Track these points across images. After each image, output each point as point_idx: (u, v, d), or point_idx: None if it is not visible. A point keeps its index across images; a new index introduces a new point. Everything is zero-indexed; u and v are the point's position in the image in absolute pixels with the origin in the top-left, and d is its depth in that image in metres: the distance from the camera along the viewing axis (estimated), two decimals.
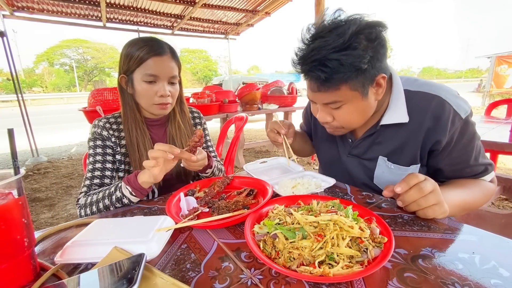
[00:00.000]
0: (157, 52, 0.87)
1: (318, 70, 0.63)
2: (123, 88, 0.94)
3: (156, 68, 0.87)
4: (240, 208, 0.66)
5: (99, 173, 0.89)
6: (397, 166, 0.79)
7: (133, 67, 0.87)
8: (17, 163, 0.44)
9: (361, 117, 0.75)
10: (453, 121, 0.70)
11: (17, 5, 4.40)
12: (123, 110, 0.95)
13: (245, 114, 2.02)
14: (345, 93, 0.67)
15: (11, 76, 4.02)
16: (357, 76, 0.64)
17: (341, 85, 0.65)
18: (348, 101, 0.69)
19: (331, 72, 0.62)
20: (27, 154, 4.53)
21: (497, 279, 0.41)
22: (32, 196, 2.87)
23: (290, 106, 4.09)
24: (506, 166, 3.39)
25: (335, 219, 0.47)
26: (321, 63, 0.62)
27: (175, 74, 0.92)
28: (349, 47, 0.61)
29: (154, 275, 0.44)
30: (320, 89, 0.68)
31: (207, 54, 48.32)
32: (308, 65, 0.65)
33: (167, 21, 5.78)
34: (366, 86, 0.67)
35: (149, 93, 0.89)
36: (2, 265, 0.41)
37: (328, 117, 0.75)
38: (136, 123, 0.94)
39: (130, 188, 0.75)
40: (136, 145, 0.93)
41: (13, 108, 16.62)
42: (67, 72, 38.14)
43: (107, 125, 0.94)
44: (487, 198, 0.77)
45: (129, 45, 0.89)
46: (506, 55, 11.13)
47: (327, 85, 0.66)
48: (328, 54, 0.61)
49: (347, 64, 0.61)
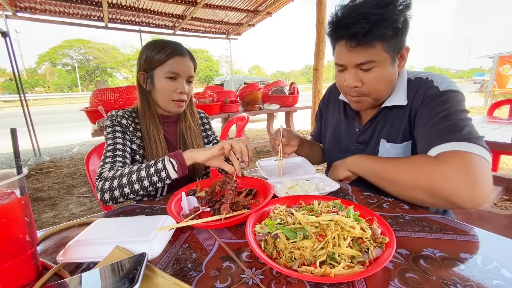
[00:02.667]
0: (180, 53, 0.96)
1: (362, 22, 0.68)
2: (141, 85, 0.99)
3: (178, 66, 0.95)
4: (240, 208, 0.66)
5: (121, 153, 0.90)
6: (392, 144, 0.83)
7: (155, 64, 0.94)
8: (20, 162, 0.45)
9: (387, 85, 0.78)
10: (428, 90, 0.75)
11: (20, 5, 4.43)
12: (141, 106, 1.00)
13: (247, 114, 2.02)
14: (378, 53, 0.72)
15: (14, 76, 4.04)
16: (391, 37, 0.70)
17: (377, 43, 0.70)
18: (379, 63, 0.73)
19: (373, 24, 0.67)
20: (29, 154, 4.56)
21: (499, 280, 0.41)
22: (34, 196, 2.88)
23: (291, 106, 4.09)
24: (508, 166, 3.37)
25: (336, 219, 0.47)
26: (364, 16, 0.68)
27: (192, 73, 1.01)
28: (389, 5, 0.68)
29: (155, 274, 0.44)
30: (358, 45, 0.71)
31: (209, 54, 48.42)
32: (352, 18, 0.69)
33: (168, 21, 5.79)
34: (395, 52, 0.74)
35: (169, 89, 0.95)
36: (4, 264, 0.41)
37: (357, 82, 0.77)
38: (152, 118, 0.99)
39: (174, 161, 0.77)
40: (153, 140, 0.98)
41: (15, 108, 16.72)
42: (69, 72, 38.31)
43: (126, 114, 1.00)
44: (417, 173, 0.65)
45: (152, 46, 0.95)
46: (509, 55, 11.06)
47: (367, 38, 0.69)
48: (371, 9, 0.68)
49: (388, 19, 0.67)
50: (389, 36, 0.70)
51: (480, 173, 0.58)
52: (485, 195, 0.58)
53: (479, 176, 0.58)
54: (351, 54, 0.74)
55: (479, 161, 0.59)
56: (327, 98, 1.11)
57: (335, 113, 1.04)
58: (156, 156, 0.96)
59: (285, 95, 4.02)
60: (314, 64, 4.25)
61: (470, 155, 0.60)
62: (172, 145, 1.07)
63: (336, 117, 1.03)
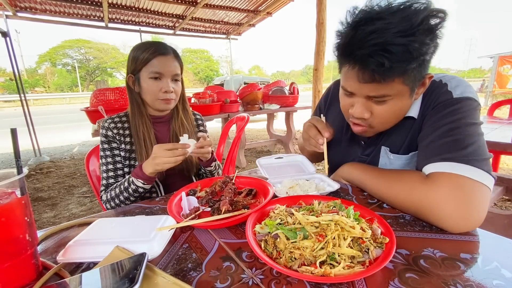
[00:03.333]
0: (162, 52, 0.96)
1: (379, 55, 0.55)
2: (130, 87, 1.01)
3: (160, 66, 0.96)
4: (240, 208, 0.66)
5: (112, 173, 0.99)
6: (396, 155, 0.76)
7: (139, 66, 0.96)
8: (20, 162, 0.45)
9: (397, 118, 0.69)
10: (441, 96, 0.66)
11: (20, 5, 4.43)
12: (130, 107, 1.02)
13: (247, 114, 2.01)
14: (397, 87, 0.60)
15: (14, 76, 4.04)
16: (415, 69, 0.58)
17: (397, 77, 0.59)
18: (396, 97, 0.63)
19: (395, 59, 0.54)
20: (29, 154, 4.56)
21: (499, 280, 0.41)
22: (34, 196, 2.88)
23: (292, 106, 4.09)
24: (508, 166, 3.36)
25: (337, 219, 0.47)
26: (383, 48, 0.54)
27: (177, 72, 1.01)
28: (417, 33, 0.53)
29: (155, 274, 0.44)
30: (373, 80, 0.59)
31: (209, 54, 48.40)
32: (367, 49, 0.56)
33: (168, 21, 5.79)
34: (416, 83, 0.62)
35: (154, 89, 0.97)
36: (5, 264, 0.41)
37: (366, 113, 0.67)
38: (142, 119, 1.01)
39: (142, 180, 0.88)
40: (143, 140, 1.00)
41: (16, 108, 16.72)
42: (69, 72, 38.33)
43: (111, 125, 1.01)
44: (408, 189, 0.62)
45: (136, 48, 0.98)
46: (509, 55, 11.05)
47: (385, 74, 0.57)
48: (393, 38, 0.53)
49: (413, 51, 0.54)
50: (413, 67, 0.57)
51: (472, 200, 0.54)
52: (475, 223, 0.54)
53: (469, 205, 0.54)
54: (362, 86, 0.63)
55: (474, 187, 0.55)
56: (330, 96, 1.00)
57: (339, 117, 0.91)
58: (146, 156, 0.97)
59: (285, 95, 4.02)
60: (314, 64, 4.25)
61: (464, 180, 0.55)
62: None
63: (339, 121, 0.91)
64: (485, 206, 0.55)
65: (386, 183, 0.68)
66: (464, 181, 0.55)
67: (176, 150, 0.84)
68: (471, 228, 0.55)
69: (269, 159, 1.02)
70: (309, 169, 0.94)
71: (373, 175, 0.73)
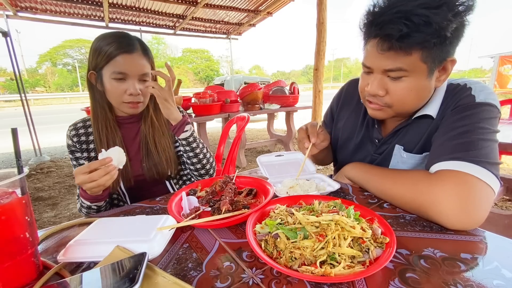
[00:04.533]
0: (126, 49, 0.84)
1: (400, 23, 0.56)
2: (92, 84, 0.90)
3: (125, 65, 0.84)
4: (240, 208, 0.66)
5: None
6: (409, 154, 0.75)
7: (101, 63, 0.84)
8: (21, 162, 0.45)
9: (416, 100, 0.68)
10: (463, 100, 0.65)
11: (21, 5, 4.43)
12: (92, 108, 0.91)
13: (247, 114, 2.01)
14: (414, 62, 0.61)
15: (15, 76, 4.04)
16: (435, 46, 0.58)
17: (415, 49, 0.59)
18: (412, 73, 0.63)
19: (414, 28, 0.56)
20: (30, 154, 4.57)
21: (499, 280, 0.41)
22: (35, 195, 2.89)
23: (292, 106, 4.09)
24: (509, 167, 3.36)
25: (337, 219, 0.47)
26: (405, 15, 0.56)
27: (146, 71, 0.89)
28: (441, 7, 0.55)
29: (156, 274, 0.44)
30: (390, 49, 0.60)
31: (209, 54, 48.39)
32: (389, 16, 0.58)
33: (169, 21, 5.79)
34: (436, 63, 0.62)
35: (118, 91, 0.86)
36: (5, 263, 0.41)
37: (381, 90, 0.67)
38: (106, 121, 0.91)
39: (89, 202, 0.79)
40: (106, 144, 0.89)
41: (16, 108, 16.73)
42: (70, 72, 38.40)
43: (72, 132, 0.92)
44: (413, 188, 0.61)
45: (98, 40, 0.85)
46: (510, 55, 11.04)
47: (403, 43, 0.58)
48: (416, 8, 0.55)
49: (434, 23, 0.55)
50: (432, 44, 0.58)
51: (476, 199, 0.53)
52: (476, 221, 0.54)
53: (473, 201, 0.53)
54: (380, 57, 0.64)
55: (480, 186, 0.54)
56: (343, 96, 0.98)
57: (352, 116, 0.92)
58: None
59: (286, 95, 4.02)
60: (314, 64, 4.26)
61: (471, 178, 0.55)
62: (134, 149, 0.98)
63: (352, 121, 0.92)
64: (488, 206, 0.55)
65: (390, 180, 0.67)
66: (471, 179, 0.55)
67: (94, 173, 0.68)
68: (470, 226, 0.54)
69: (269, 157, 1.01)
70: (310, 168, 0.94)
71: (377, 174, 0.72)
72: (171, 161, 0.99)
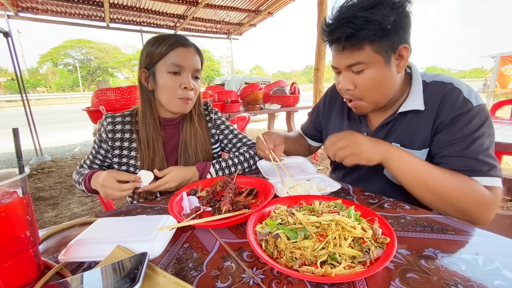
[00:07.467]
0: (183, 43, 0.88)
1: (345, 26, 0.67)
2: (142, 84, 0.92)
3: (181, 58, 0.86)
4: (240, 208, 0.66)
5: (88, 165, 1.00)
6: (409, 150, 0.76)
7: (156, 59, 0.86)
8: (22, 162, 0.45)
9: (382, 89, 0.75)
10: (461, 104, 0.71)
11: (22, 5, 4.45)
12: (141, 107, 0.93)
13: (247, 114, 2.02)
14: (368, 54, 0.70)
15: (16, 76, 4.05)
16: (381, 38, 0.68)
17: (365, 44, 0.69)
18: (371, 65, 0.71)
19: (357, 28, 0.67)
20: (31, 154, 4.58)
21: (500, 280, 0.41)
22: (36, 195, 2.89)
23: (292, 106, 4.09)
24: (510, 167, 3.35)
25: (337, 219, 0.47)
26: (348, 20, 0.67)
27: (199, 67, 0.92)
28: (375, 7, 0.66)
29: (156, 274, 0.44)
30: (344, 48, 0.71)
31: (210, 54, 48.50)
32: (336, 23, 0.70)
33: (169, 21, 5.80)
34: (389, 52, 0.70)
35: (173, 85, 0.87)
36: (6, 263, 0.41)
37: (350, 85, 0.76)
38: (153, 121, 0.92)
39: (84, 188, 0.87)
40: (151, 146, 0.92)
41: (17, 108, 16.77)
42: (71, 72, 38.44)
43: (109, 126, 0.94)
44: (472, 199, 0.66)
45: (153, 40, 0.88)
46: (511, 55, 11.00)
47: (352, 42, 0.69)
48: (356, 12, 0.67)
49: (373, 21, 0.65)
50: (377, 37, 0.68)
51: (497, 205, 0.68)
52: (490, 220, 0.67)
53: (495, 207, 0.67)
54: (340, 57, 0.74)
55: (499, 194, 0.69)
56: (328, 99, 1.05)
57: (338, 116, 1.00)
58: (152, 163, 0.91)
59: (286, 95, 4.02)
60: (315, 64, 4.25)
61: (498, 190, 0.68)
62: (172, 152, 1.00)
63: (338, 120, 0.99)
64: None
65: (437, 169, 0.70)
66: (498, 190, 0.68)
67: (125, 185, 0.78)
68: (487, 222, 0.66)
69: (270, 162, 1.01)
70: (310, 169, 0.94)
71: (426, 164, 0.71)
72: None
